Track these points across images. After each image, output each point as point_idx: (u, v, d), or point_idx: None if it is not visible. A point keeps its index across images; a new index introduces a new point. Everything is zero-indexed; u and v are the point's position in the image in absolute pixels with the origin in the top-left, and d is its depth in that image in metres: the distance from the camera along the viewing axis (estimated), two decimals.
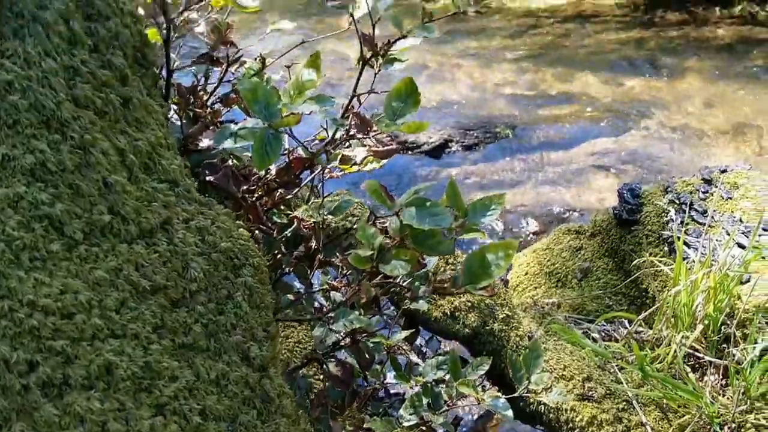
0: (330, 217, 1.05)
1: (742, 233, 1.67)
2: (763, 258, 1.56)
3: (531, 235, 3.56)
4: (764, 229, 1.64)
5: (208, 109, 1.08)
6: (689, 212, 1.79)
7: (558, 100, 4.71)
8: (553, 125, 4.47)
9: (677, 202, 1.85)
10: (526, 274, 2.12)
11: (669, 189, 1.91)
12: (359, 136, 1.07)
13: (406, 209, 0.91)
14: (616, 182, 4.11)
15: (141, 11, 0.99)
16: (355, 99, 1.21)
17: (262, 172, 1.07)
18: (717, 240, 1.68)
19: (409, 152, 4.16)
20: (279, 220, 1.14)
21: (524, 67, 5.00)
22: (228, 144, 0.91)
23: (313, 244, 1.07)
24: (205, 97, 1.12)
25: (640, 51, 5.26)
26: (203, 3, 1.03)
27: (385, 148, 1.06)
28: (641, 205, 1.96)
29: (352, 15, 1.13)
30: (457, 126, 4.34)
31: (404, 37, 1.17)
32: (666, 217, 1.86)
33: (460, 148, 4.21)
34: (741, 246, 1.65)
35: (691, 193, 1.90)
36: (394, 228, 0.92)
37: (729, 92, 4.85)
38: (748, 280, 1.61)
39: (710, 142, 4.39)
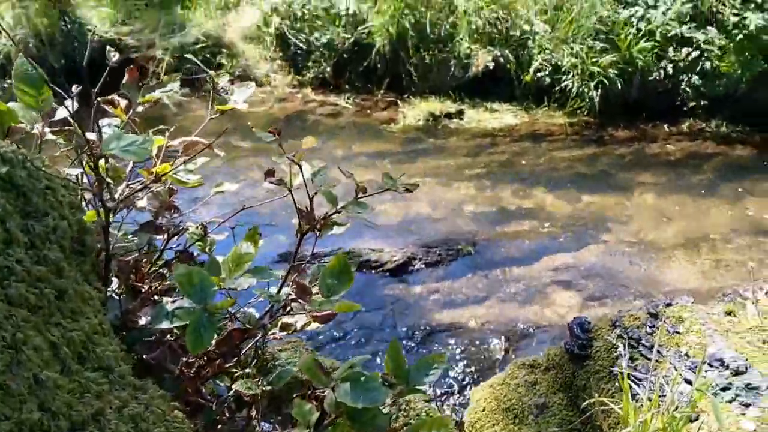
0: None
1: (689, 369, 1.70)
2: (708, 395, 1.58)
3: (500, 353, 3.58)
4: (709, 365, 1.68)
5: (150, 282, 1.10)
6: (637, 347, 1.82)
7: (517, 217, 4.82)
8: (513, 241, 4.55)
9: (625, 337, 1.90)
10: (483, 410, 2.11)
11: (617, 323, 1.95)
12: (300, 302, 1.10)
13: (341, 385, 0.93)
14: (579, 298, 4.17)
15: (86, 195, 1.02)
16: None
17: None
18: (665, 376, 1.71)
19: (373, 271, 4.19)
20: (221, 384, 1.14)
21: (484, 185, 5.14)
22: (164, 324, 0.92)
23: (254, 413, 1.08)
24: (147, 268, 1.15)
25: (593, 167, 5.45)
26: (145, 181, 1.07)
27: (325, 313, 1.08)
28: (591, 340, 2.00)
29: (289, 189, 1.18)
30: (420, 244, 4.40)
31: (338, 212, 1.21)
32: (615, 352, 1.89)
33: (424, 265, 4.26)
34: (688, 382, 1.67)
35: (638, 327, 1.94)
36: (330, 403, 0.93)
37: (682, 206, 5.02)
38: (696, 419, 1.62)
39: (666, 256, 4.50)
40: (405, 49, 6.09)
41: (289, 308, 1.12)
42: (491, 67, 5.96)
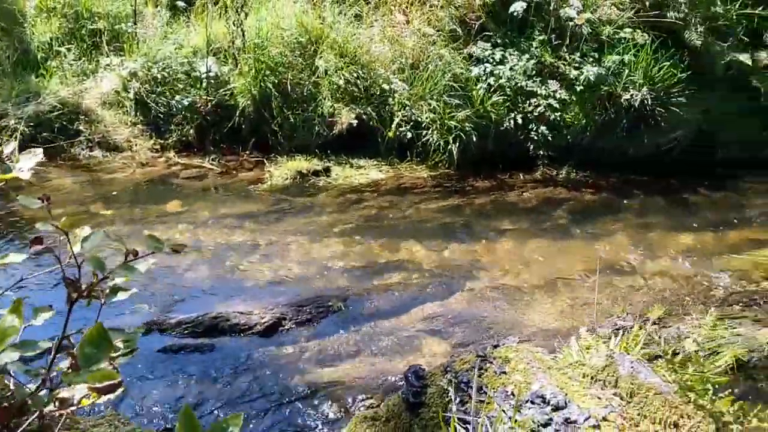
0: None
1: (513, 407, 1.76)
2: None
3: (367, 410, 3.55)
4: (531, 402, 1.75)
5: None
6: (467, 390, 1.87)
7: (387, 270, 4.88)
8: (383, 294, 4.59)
9: (456, 381, 1.95)
10: None
11: (448, 368, 2.01)
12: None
13: None
14: (447, 345, 4.24)
15: None
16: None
17: None
18: (491, 416, 1.76)
19: (242, 334, 4.11)
20: None
21: (353, 240, 5.18)
22: None
23: None
24: None
25: (457, 217, 5.63)
26: None
27: (107, 383, 1.05)
28: (425, 387, 2.04)
29: (58, 258, 1.15)
30: (289, 303, 4.37)
31: (106, 277, 1.19)
32: (447, 397, 1.93)
33: (294, 325, 4.22)
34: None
35: (467, 370, 2.00)
36: None
37: (540, 249, 5.25)
38: None
39: (528, 298, 4.67)
40: (269, 110, 6.14)
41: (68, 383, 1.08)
42: (355, 125, 6.09)
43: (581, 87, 6.01)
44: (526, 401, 1.69)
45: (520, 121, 6.05)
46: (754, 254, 5.22)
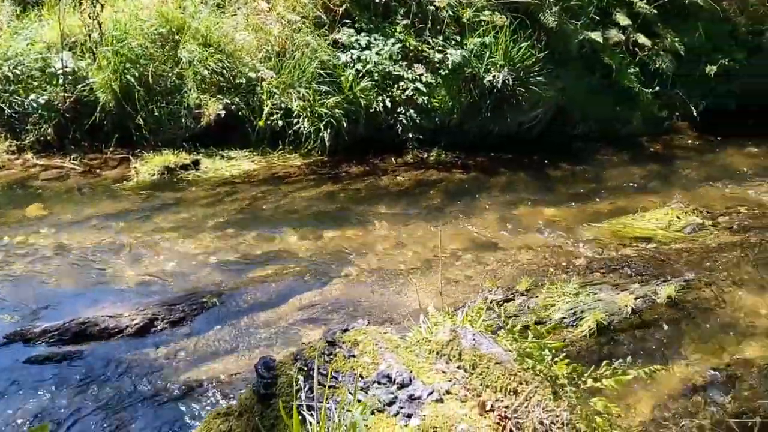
0: None
1: (361, 389, 1.80)
2: (375, 412, 1.69)
3: None
4: (378, 382, 1.80)
5: None
6: (316, 377, 1.90)
7: (262, 261, 4.85)
8: (259, 286, 4.56)
9: (305, 368, 1.97)
10: None
11: (298, 356, 2.03)
12: None
13: None
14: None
15: None
16: None
17: None
18: (338, 401, 1.80)
19: (112, 339, 3.98)
20: None
21: (227, 233, 5.11)
22: None
23: None
24: None
25: (332, 204, 5.66)
26: None
27: None
28: (276, 378, 2.06)
29: None
30: (161, 303, 4.26)
31: None
32: (297, 385, 1.96)
33: (167, 324, 4.13)
34: (359, 402, 1.77)
35: (317, 357, 2.03)
36: None
37: (415, 231, 5.36)
38: None
39: (404, 280, 4.76)
40: (132, 104, 5.92)
41: None
42: (223, 116, 5.98)
43: (446, 70, 6.16)
44: (373, 382, 1.74)
45: (388, 105, 6.13)
46: (611, 223, 5.55)
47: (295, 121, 6.07)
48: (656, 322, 4.39)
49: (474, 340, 2.03)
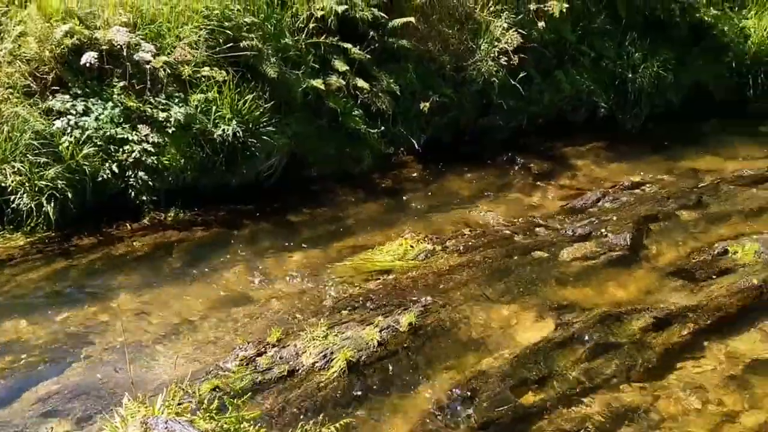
0: None
1: None
2: None
3: None
4: None
5: None
6: None
7: None
8: None
9: None
10: None
11: None
12: None
13: None
14: (67, 424, 3.95)
15: None
16: None
17: None
18: None
19: None
20: None
21: None
22: None
23: None
24: None
25: (64, 282, 5.28)
26: None
27: None
28: None
29: None
30: None
31: None
32: None
33: None
34: None
35: None
36: None
37: (158, 297, 5.17)
38: None
39: (150, 351, 4.58)
40: None
41: None
42: None
43: (173, 128, 6.04)
44: None
45: (116, 170, 5.87)
46: (354, 260, 5.79)
47: (12, 198, 5.57)
48: (401, 350, 4.65)
49: (167, 428, 1.99)
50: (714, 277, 5.78)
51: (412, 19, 7.56)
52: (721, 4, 10.71)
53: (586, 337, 4.85)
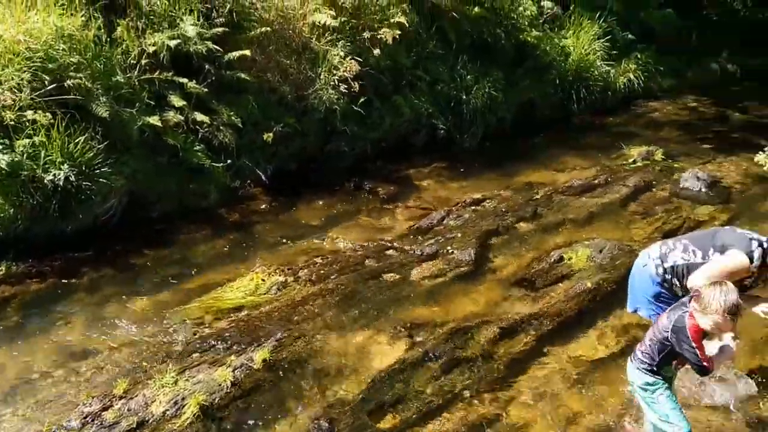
0: None
1: None
2: None
3: None
4: None
5: None
6: None
7: None
8: None
9: None
10: None
11: None
12: None
13: None
14: None
15: None
16: None
17: None
18: None
19: None
20: None
21: None
22: None
23: None
24: None
25: None
26: None
27: None
28: None
29: None
30: None
31: None
32: None
33: None
34: None
35: None
36: None
37: None
38: None
39: None
40: None
41: None
42: None
43: None
44: None
45: None
46: (203, 300, 5.64)
47: None
48: (257, 388, 4.58)
49: None
50: (552, 284, 6.13)
51: (247, 52, 7.55)
52: (541, 26, 11.52)
53: (438, 354, 4.99)
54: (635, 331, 5.29)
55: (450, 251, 6.55)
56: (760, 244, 4.06)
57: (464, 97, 9.80)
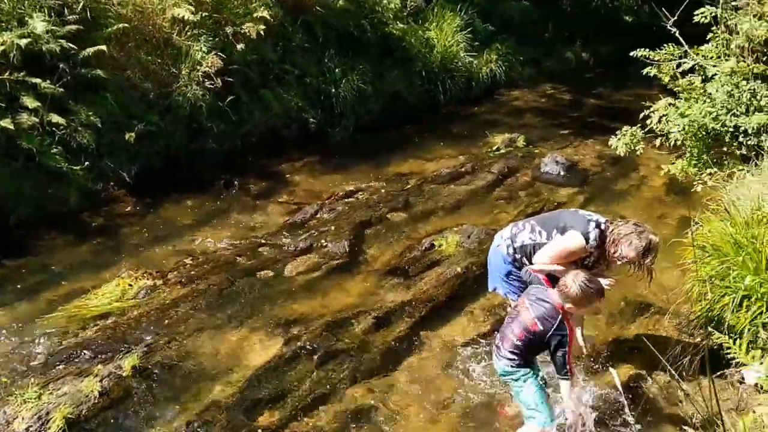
0: None
1: None
2: None
3: None
4: None
5: None
6: None
7: None
8: None
9: None
10: None
11: None
12: None
13: None
14: None
15: None
16: None
17: None
18: None
19: None
20: None
21: None
22: None
23: None
24: None
25: None
26: None
27: None
28: None
29: None
30: None
31: None
32: None
33: None
34: None
35: None
36: None
37: None
38: None
39: None
40: None
41: None
42: None
43: None
44: None
45: None
46: (66, 308, 5.40)
47: None
48: (127, 397, 4.45)
49: None
50: (424, 271, 6.29)
51: (104, 47, 7.24)
52: (405, 18, 11.73)
53: (314, 348, 5.03)
54: (500, 310, 5.50)
55: (324, 244, 6.59)
56: (597, 225, 4.28)
57: (333, 90, 9.84)
